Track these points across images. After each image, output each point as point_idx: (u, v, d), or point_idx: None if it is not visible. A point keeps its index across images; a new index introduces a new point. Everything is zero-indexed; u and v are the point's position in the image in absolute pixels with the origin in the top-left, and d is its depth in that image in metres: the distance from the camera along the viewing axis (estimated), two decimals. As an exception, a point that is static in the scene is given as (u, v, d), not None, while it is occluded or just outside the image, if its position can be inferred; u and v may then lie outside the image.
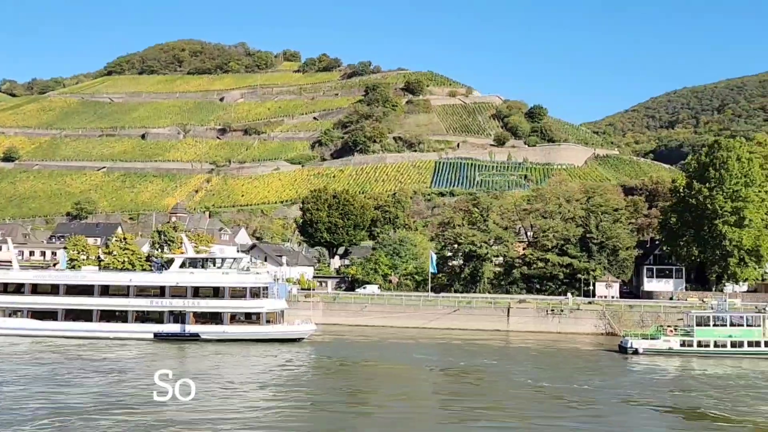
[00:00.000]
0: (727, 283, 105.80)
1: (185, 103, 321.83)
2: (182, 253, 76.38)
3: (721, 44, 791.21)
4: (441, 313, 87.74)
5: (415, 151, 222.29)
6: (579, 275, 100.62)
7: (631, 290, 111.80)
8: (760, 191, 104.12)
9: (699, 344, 65.29)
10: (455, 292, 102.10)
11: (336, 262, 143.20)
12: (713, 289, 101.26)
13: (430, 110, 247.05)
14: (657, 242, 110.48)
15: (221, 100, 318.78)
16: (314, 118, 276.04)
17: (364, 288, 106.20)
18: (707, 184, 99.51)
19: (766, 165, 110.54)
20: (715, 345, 65.02)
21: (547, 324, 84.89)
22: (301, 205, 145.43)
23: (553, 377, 53.06)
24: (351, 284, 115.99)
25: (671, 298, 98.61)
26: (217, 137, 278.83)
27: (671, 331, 66.34)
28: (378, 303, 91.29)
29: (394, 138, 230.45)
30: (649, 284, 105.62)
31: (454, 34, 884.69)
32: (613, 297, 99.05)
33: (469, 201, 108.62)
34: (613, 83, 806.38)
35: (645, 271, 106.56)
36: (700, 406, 43.98)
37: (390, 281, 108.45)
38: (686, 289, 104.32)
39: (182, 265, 72.39)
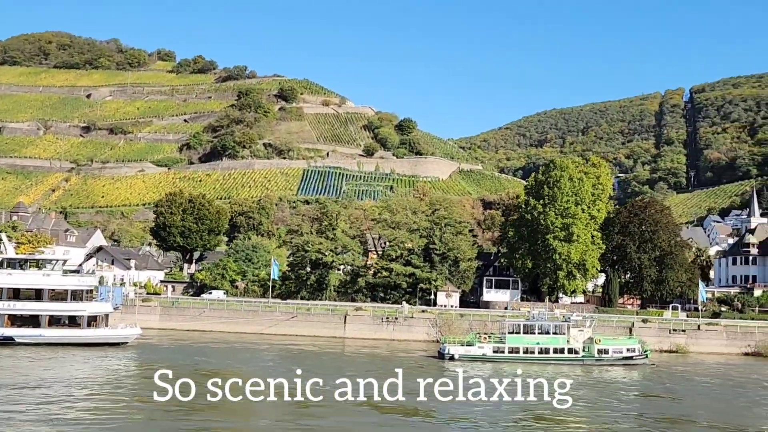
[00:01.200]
0: (564, 295, 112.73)
1: (48, 98, 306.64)
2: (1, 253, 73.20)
3: (588, 70, 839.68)
4: (279, 320, 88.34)
5: (285, 158, 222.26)
6: (421, 285, 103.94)
7: (475, 300, 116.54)
8: (589, 209, 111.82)
9: (510, 350, 69.20)
10: (302, 299, 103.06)
11: (191, 267, 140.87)
12: (545, 299, 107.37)
13: (303, 118, 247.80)
14: (498, 255, 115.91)
15: (88, 96, 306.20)
16: (185, 120, 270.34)
17: (209, 293, 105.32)
18: (541, 201, 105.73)
19: (599, 185, 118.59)
20: (525, 351, 69.13)
21: (382, 331, 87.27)
22: (154, 209, 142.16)
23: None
24: (200, 289, 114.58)
25: (506, 308, 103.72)
26: (81, 135, 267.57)
27: (485, 338, 69.91)
28: (217, 308, 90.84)
29: (264, 144, 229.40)
30: (488, 294, 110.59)
31: (333, 44, 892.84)
32: (452, 306, 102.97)
33: (318, 209, 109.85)
34: (490, 101, 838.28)
35: (485, 281, 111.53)
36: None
37: (236, 287, 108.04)
38: (521, 299, 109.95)
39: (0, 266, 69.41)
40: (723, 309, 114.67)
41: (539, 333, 70.11)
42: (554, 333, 70.04)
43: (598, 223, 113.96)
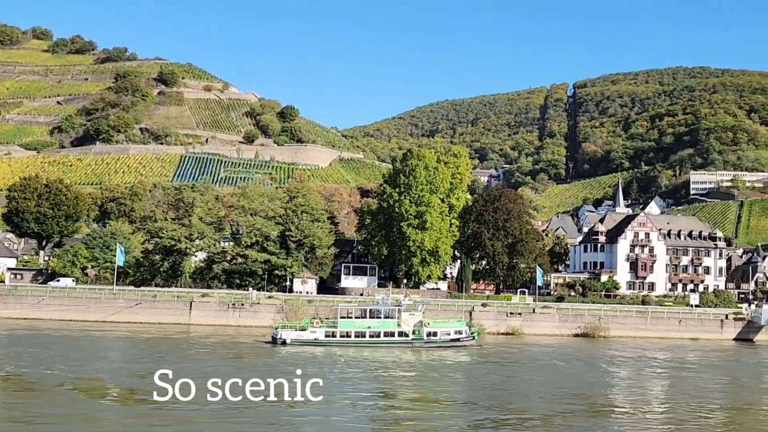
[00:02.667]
0: (429, 281, 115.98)
1: None
2: None
3: (481, 63, 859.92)
4: (122, 307, 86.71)
5: (162, 143, 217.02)
6: (277, 271, 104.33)
7: (335, 287, 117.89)
8: (448, 198, 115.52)
9: (342, 335, 70.70)
10: (156, 286, 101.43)
11: (46, 253, 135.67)
12: (401, 285, 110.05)
13: (183, 103, 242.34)
14: (357, 242, 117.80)
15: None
16: (58, 102, 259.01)
17: (57, 281, 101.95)
18: (397, 189, 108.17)
19: (458, 174, 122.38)
20: (357, 335, 70.81)
21: (228, 318, 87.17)
22: (7, 194, 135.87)
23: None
24: (50, 277, 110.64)
25: (361, 294, 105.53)
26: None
27: (317, 323, 71.13)
28: (57, 296, 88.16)
29: (140, 129, 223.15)
30: (346, 281, 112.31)
31: (220, 29, 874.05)
32: (308, 292, 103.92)
33: (173, 195, 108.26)
34: (384, 91, 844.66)
35: (343, 268, 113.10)
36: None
37: (87, 274, 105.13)
38: (380, 285, 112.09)
39: None
40: (572, 294, 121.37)
41: (371, 317, 71.99)
42: (385, 317, 72.06)
43: (457, 211, 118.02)
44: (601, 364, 68.54)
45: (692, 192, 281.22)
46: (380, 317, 72.03)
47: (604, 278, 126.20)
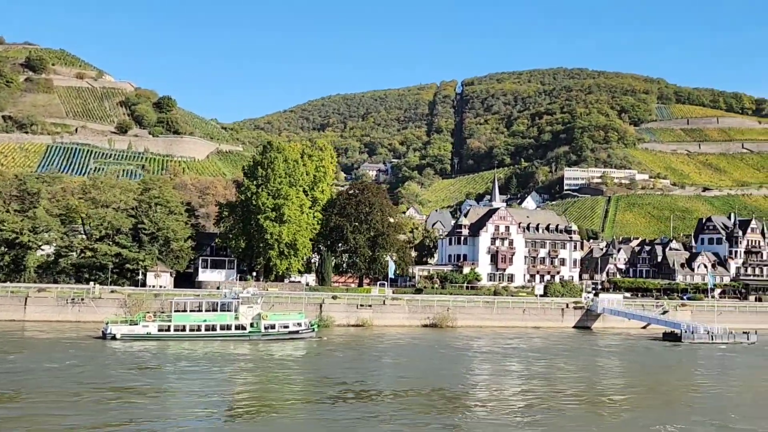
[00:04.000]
0: (287, 274, 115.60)
1: None
2: None
3: (374, 58, 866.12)
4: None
5: (27, 132, 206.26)
6: (128, 265, 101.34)
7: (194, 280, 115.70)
8: (312, 191, 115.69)
9: (176, 328, 69.56)
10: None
11: None
12: (261, 279, 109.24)
13: (52, 91, 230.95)
14: (215, 235, 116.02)
15: None
16: None
17: None
18: (255, 182, 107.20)
19: (321, 167, 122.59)
20: (192, 329, 69.82)
21: (67, 313, 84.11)
22: None
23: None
24: None
25: (218, 288, 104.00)
26: None
27: (150, 317, 69.65)
28: None
29: (3, 117, 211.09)
30: (204, 274, 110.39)
31: (98, 16, 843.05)
32: (162, 286, 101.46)
33: (16, 185, 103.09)
34: (277, 83, 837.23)
35: (201, 261, 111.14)
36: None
37: None
38: (240, 279, 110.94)
39: None
40: (434, 286, 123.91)
41: (207, 310, 71.16)
42: (222, 310, 71.42)
43: (321, 204, 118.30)
44: (440, 350, 70.59)
45: (566, 187, 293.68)
46: (216, 310, 71.30)
47: (466, 270, 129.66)
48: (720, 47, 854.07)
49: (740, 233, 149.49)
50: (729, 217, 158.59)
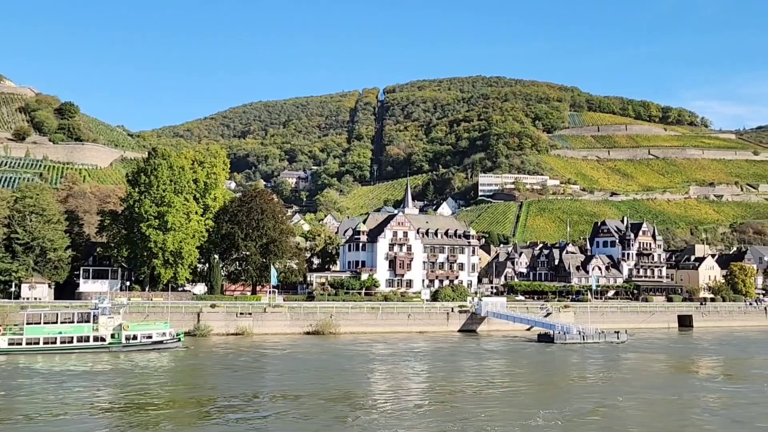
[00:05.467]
0: (190, 284, 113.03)
1: None
2: None
3: (296, 65, 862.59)
4: None
5: None
6: (1, 277, 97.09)
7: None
8: (203, 198, 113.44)
9: (29, 342, 66.69)
10: None
11: None
12: (147, 288, 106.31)
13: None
14: (98, 244, 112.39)
15: None
16: None
17: None
18: (137, 189, 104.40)
19: (213, 175, 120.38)
20: (45, 342, 67.04)
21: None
22: None
23: None
24: None
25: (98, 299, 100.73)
26: None
27: (1, 330, 66.64)
28: None
29: None
30: (85, 285, 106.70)
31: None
32: (37, 299, 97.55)
33: None
34: (197, 91, 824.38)
35: (82, 272, 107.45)
36: None
37: None
38: (122, 288, 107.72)
39: None
40: (333, 293, 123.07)
41: (63, 322, 68.54)
42: (79, 321, 68.93)
43: (213, 212, 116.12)
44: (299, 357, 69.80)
45: (480, 193, 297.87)
46: (73, 322, 68.73)
47: (364, 276, 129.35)
48: (630, 58, 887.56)
49: (632, 236, 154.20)
50: (622, 221, 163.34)
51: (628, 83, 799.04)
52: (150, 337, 71.00)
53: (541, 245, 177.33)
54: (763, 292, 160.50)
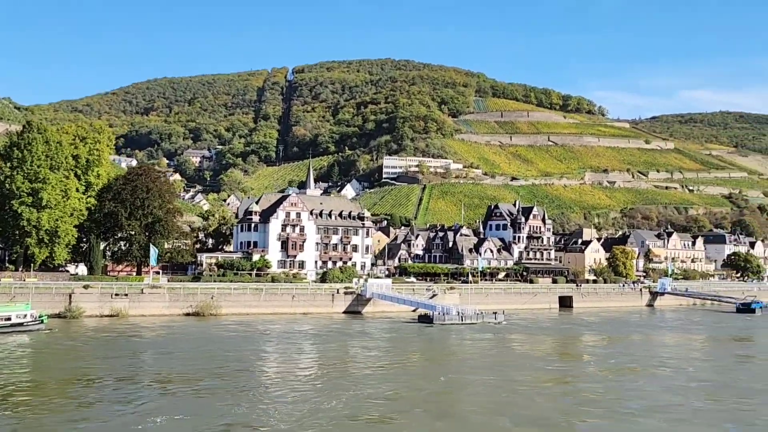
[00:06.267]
0: (72, 264, 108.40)
1: None
2: None
3: (203, 42, 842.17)
4: None
5: None
6: None
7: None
8: (85, 175, 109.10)
9: None
10: None
11: None
12: (21, 268, 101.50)
13: None
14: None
15: None
16: None
17: None
18: (9, 164, 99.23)
19: (96, 151, 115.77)
20: None
21: None
22: None
23: None
24: None
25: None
26: None
27: None
28: None
29: None
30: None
31: None
32: None
33: None
34: (97, 65, 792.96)
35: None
36: None
37: None
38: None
39: None
40: (216, 273, 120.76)
41: None
42: None
43: (95, 190, 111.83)
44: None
45: (384, 176, 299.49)
46: None
47: (255, 257, 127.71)
48: (536, 47, 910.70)
49: (523, 219, 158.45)
50: (515, 205, 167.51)
51: (533, 71, 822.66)
52: (9, 319, 67.76)
53: (437, 228, 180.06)
54: (644, 274, 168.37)
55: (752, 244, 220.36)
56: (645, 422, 39.39)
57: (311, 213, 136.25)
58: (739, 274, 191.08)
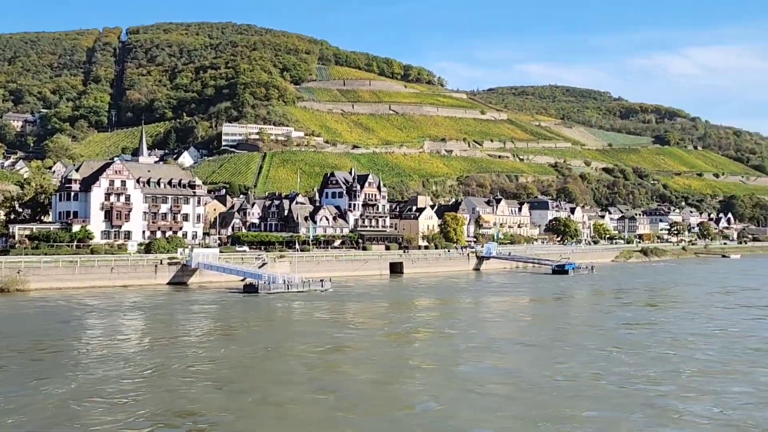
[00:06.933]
0: None
1: None
2: None
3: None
4: None
5: None
6: None
7: None
8: None
9: None
10: None
11: None
12: None
13: None
14: None
15: None
16: None
17: None
18: None
19: None
20: None
21: None
22: None
23: None
24: None
25: None
26: None
27: None
28: None
29: None
30: None
31: None
32: None
33: None
34: None
35: None
36: None
37: None
38: None
39: None
40: (35, 245, 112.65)
41: None
42: None
43: None
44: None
45: (224, 143, 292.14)
46: None
47: (76, 228, 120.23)
48: (379, 17, 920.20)
49: (359, 187, 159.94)
50: (350, 173, 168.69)
51: (376, 41, 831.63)
52: None
53: (273, 196, 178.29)
54: (474, 239, 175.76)
55: (573, 210, 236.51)
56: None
57: (138, 181, 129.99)
58: (559, 238, 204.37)
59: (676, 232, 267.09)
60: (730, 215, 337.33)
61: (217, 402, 35.63)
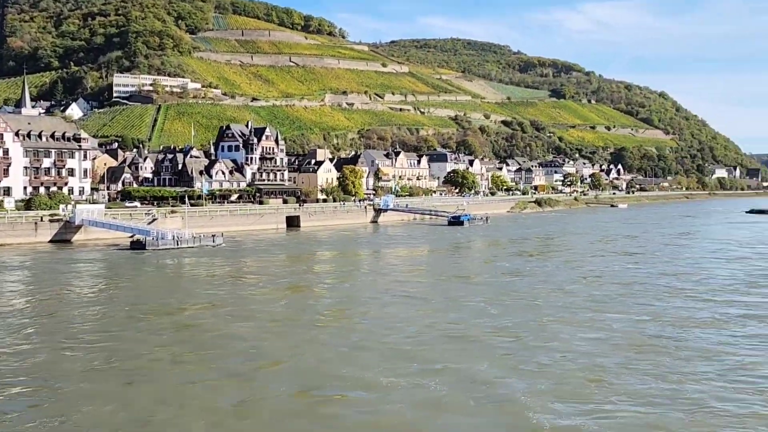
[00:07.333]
0: None
1: None
2: None
3: None
4: None
5: None
6: None
7: None
8: None
9: None
10: None
11: None
12: None
13: None
14: None
15: None
16: None
17: None
18: None
19: None
20: None
21: None
22: None
23: None
24: None
25: None
26: None
27: None
28: None
29: None
30: None
31: None
32: None
33: None
34: None
35: None
36: None
37: None
38: None
39: None
40: None
41: None
42: None
43: None
44: None
45: (115, 95, 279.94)
46: None
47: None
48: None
49: (255, 140, 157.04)
50: (247, 126, 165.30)
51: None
52: None
53: (168, 150, 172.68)
54: (373, 192, 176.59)
55: (471, 162, 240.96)
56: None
57: (17, 134, 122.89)
58: (458, 190, 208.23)
59: (569, 183, 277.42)
60: (620, 166, 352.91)
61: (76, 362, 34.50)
